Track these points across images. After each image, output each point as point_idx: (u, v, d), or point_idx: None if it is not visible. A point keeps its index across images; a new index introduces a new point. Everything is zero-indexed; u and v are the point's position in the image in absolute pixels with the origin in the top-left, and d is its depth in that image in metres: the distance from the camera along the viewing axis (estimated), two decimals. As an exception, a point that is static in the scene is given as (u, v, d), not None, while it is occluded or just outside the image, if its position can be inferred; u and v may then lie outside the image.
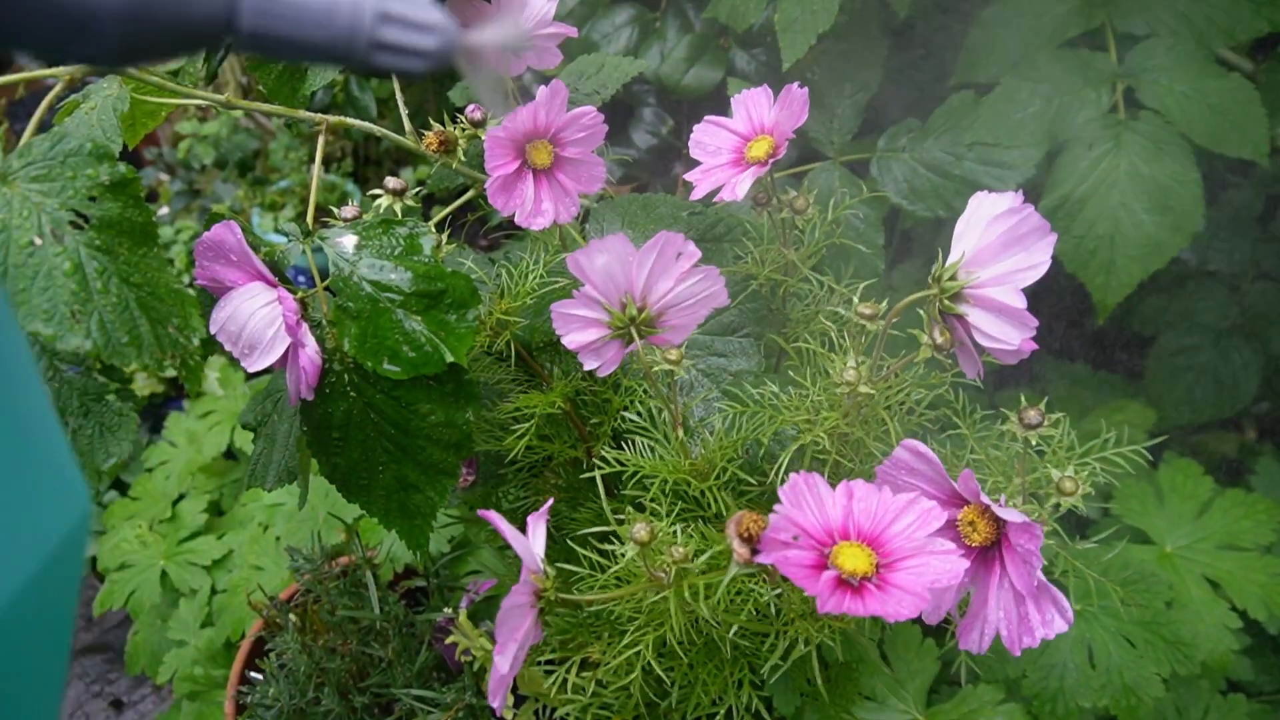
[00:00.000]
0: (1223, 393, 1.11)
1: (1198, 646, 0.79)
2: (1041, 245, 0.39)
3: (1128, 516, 0.88)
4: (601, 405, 0.61)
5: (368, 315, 0.49)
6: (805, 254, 0.61)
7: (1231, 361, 1.11)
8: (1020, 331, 0.40)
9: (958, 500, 0.42)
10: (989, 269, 0.40)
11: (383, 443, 0.53)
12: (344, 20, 0.23)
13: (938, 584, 0.37)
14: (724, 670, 0.55)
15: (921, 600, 0.37)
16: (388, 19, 0.23)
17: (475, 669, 0.78)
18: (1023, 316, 0.40)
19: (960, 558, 0.38)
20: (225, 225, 0.47)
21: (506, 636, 0.41)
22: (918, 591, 0.37)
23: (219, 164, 2.01)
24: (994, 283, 0.40)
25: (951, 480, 0.42)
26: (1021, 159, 0.79)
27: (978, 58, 0.85)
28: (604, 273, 0.44)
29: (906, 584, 0.38)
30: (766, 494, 0.53)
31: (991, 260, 0.40)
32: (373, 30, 0.23)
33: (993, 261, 0.40)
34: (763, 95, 0.55)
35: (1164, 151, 0.76)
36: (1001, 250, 0.40)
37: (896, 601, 0.37)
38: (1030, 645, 0.41)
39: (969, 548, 0.42)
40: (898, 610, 0.37)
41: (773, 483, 0.49)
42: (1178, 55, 0.78)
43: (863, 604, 0.37)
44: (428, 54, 0.24)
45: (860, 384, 0.47)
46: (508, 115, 0.52)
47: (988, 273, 0.40)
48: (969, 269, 0.41)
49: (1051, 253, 0.39)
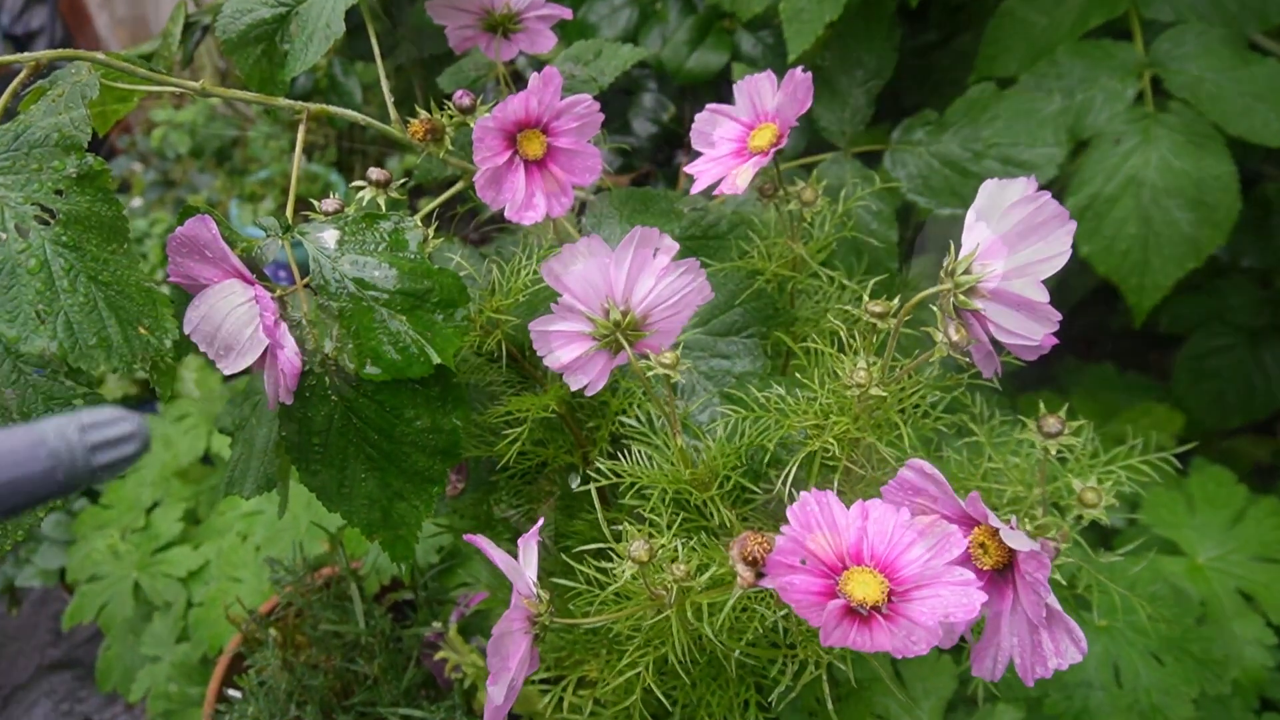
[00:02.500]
0: (1255, 395, 1.11)
1: (1230, 664, 0.79)
2: (1061, 233, 0.39)
3: (1156, 526, 0.88)
4: (598, 408, 0.61)
5: (350, 314, 0.49)
6: (814, 249, 0.61)
7: (1264, 362, 1.11)
8: (1042, 326, 0.40)
9: (968, 521, 0.42)
10: (1006, 260, 0.40)
11: (365, 449, 0.52)
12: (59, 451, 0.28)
13: (953, 618, 0.36)
14: (729, 691, 0.55)
15: (934, 636, 0.36)
16: (96, 448, 0.28)
17: (465, 686, 0.78)
18: (1045, 310, 0.39)
19: (979, 590, 0.37)
20: (200, 219, 0.47)
21: (500, 665, 0.41)
22: (930, 626, 0.36)
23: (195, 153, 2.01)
24: (1013, 275, 0.40)
25: (960, 500, 0.41)
26: (1044, 158, 0.78)
27: (997, 51, 0.85)
28: (581, 278, 0.44)
29: (919, 616, 0.37)
30: (773, 502, 0.53)
31: (1008, 251, 0.40)
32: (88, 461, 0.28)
33: (1010, 252, 0.40)
34: (766, 80, 0.55)
35: (1196, 144, 0.75)
36: (1019, 240, 0.40)
37: (906, 634, 0.36)
38: (1043, 675, 0.41)
39: (980, 571, 0.41)
40: (907, 646, 0.36)
41: (779, 491, 0.49)
42: (1208, 41, 0.77)
43: (870, 638, 0.37)
44: (137, 453, 0.29)
45: (871, 386, 0.46)
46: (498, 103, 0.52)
47: (1005, 265, 0.40)
48: (984, 261, 0.40)
49: (1072, 241, 0.39)
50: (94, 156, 0.46)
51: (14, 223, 0.44)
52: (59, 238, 0.44)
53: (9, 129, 0.46)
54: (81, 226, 0.45)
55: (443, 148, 0.57)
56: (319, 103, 0.56)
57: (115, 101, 0.62)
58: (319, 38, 0.57)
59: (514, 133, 0.53)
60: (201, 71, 1.82)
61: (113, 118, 0.63)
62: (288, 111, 0.56)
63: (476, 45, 0.67)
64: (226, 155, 2.00)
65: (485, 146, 0.52)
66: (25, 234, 0.44)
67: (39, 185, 0.45)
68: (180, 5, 0.69)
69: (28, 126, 0.46)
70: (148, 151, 2.08)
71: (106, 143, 2.11)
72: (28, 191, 0.45)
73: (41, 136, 0.46)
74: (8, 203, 0.44)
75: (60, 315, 0.43)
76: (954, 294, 0.41)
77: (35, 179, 0.45)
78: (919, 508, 0.42)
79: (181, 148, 2.01)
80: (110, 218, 0.46)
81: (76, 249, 0.45)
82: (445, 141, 0.57)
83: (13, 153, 0.46)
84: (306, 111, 0.56)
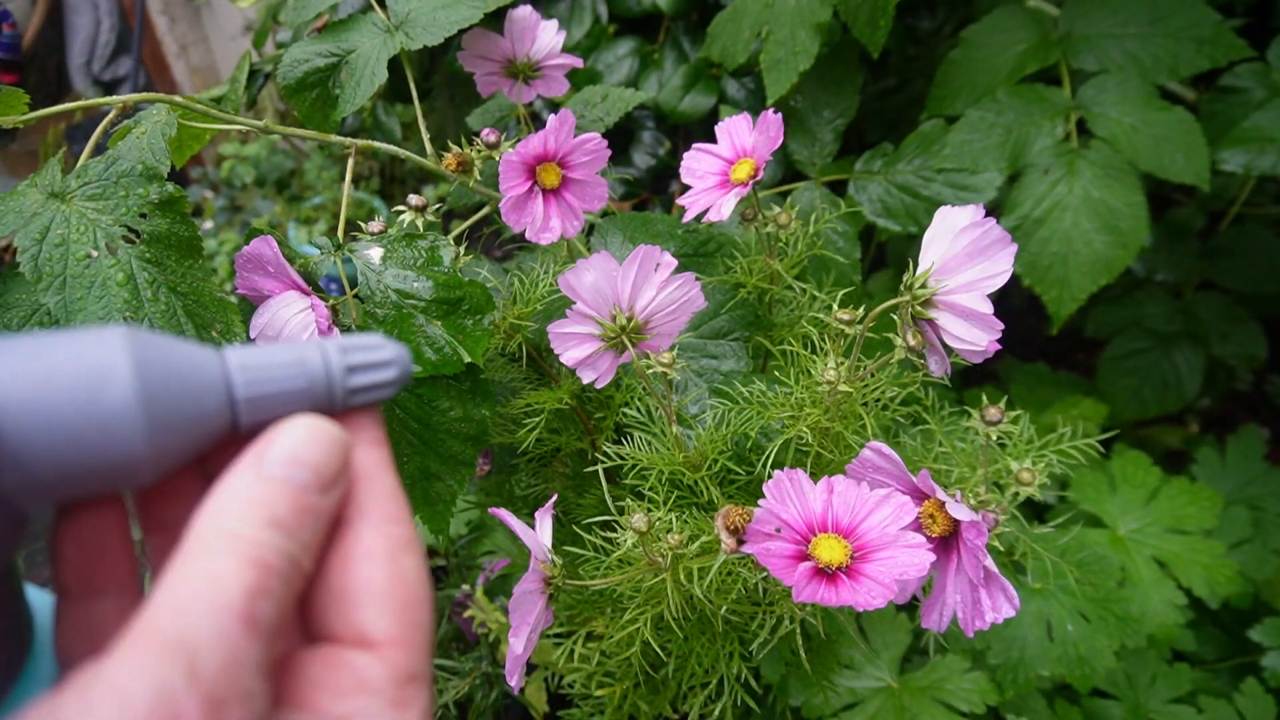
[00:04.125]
0: (1168, 391, 1.11)
1: (1146, 621, 0.79)
2: (1004, 255, 0.39)
3: (1083, 503, 0.88)
4: (605, 401, 0.61)
5: (393, 320, 0.49)
6: (789, 264, 0.61)
7: (1176, 363, 1.11)
8: (987, 334, 0.40)
9: (919, 495, 0.42)
10: (956, 277, 0.40)
11: (407, 436, 0.53)
12: (318, 372, 0.24)
13: (906, 576, 0.37)
14: (716, 643, 0.55)
15: (890, 591, 0.36)
16: (354, 369, 0.25)
17: (490, 639, 0.78)
18: (989, 320, 0.40)
19: (928, 552, 0.38)
20: (263, 239, 0.47)
21: (520, 620, 0.41)
22: (887, 583, 0.37)
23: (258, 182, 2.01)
24: (962, 290, 0.40)
25: (912, 477, 0.42)
26: (985, 182, 0.79)
27: (945, 93, 0.85)
28: (592, 288, 0.44)
29: (877, 575, 0.37)
30: (754, 482, 0.53)
31: (959, 269, 0.40)
32: (345, 382, 0.25)
33: (960, 270, 0.40)
34: (743, 121, 0.55)
35: (1113, 177, 0.76)
36: (967, 260, 0.40)
37: (867, 591, 0.37)
38: (981, 628, 0.41)
39: (929, 538, 0.42)
40: (868, 600, 0.36)
41: (760, 472, 0.49)
42: (1126, 90, 0.77)
43: (836, 594, 0.37)
44: (393, 383, 0.26)
45: (840, 383, 0.46)
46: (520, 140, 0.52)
47: (955, 280, 0.40)
48: (938, 277, 0.41)
49: (1012, 262, 0.39)
50: (173, 185, 0.47)
51: (105, 241, 0.44)
52: (143, 254, 0.45)
53: (100, 161, 0.47)
54: (162, 245, 0.45)
55: (471, 178, 0.57)
56: (365, 139, 0.56)
57: (190, 139, 0.62)
58: (365, 83, 0.57)
59: (534, 165, 0.53)
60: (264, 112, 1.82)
61: (188, 151, 0.63)
62: (338, 146, 0.56)
63: (501, 89, 0.67)
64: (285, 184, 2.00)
65: (509, 177, 0.52)
66: (114, 251, 0.44)
67: (126, 210, 0.45)
68: (245, 55, 0.69)
69: (116, 159, 0.47)
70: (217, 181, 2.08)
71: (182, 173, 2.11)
72: (116, 215, 0.45)
73: (128, 167, 0.46)
74: (99, 224, 0.44)
75: (145, 321, 0.44)
76: (912, 305, 0.41)
77: (123, 204, 0.45)
78: (878, 483, 0.42)
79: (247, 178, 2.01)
80: (187, 237, 0.46)
81: (158, 264, 0.45)
82: (474, 172, 0.57)
83: (103, 182, 0.46)
84: (354, 147, 0.56)
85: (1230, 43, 0.76)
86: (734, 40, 0.84)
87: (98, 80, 2.16)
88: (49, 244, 0.44)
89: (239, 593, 0.19)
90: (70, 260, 0.43)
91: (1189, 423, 1.26)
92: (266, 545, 0.20)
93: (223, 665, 0.18)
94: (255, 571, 0.20)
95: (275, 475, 0.22)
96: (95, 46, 2.16)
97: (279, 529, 0.21)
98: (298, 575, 0.21)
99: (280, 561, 0.20)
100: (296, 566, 0.21)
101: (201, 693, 0.18)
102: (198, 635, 0.18)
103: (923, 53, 1.06)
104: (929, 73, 0.88)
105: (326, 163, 1.95)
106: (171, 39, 2.45)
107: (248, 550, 0.20)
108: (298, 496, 0.22)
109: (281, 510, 0.21)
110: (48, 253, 0.43)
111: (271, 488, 0.21)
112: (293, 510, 0.21)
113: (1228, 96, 0.80)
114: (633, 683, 0.59)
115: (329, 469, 0.23)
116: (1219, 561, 0.82)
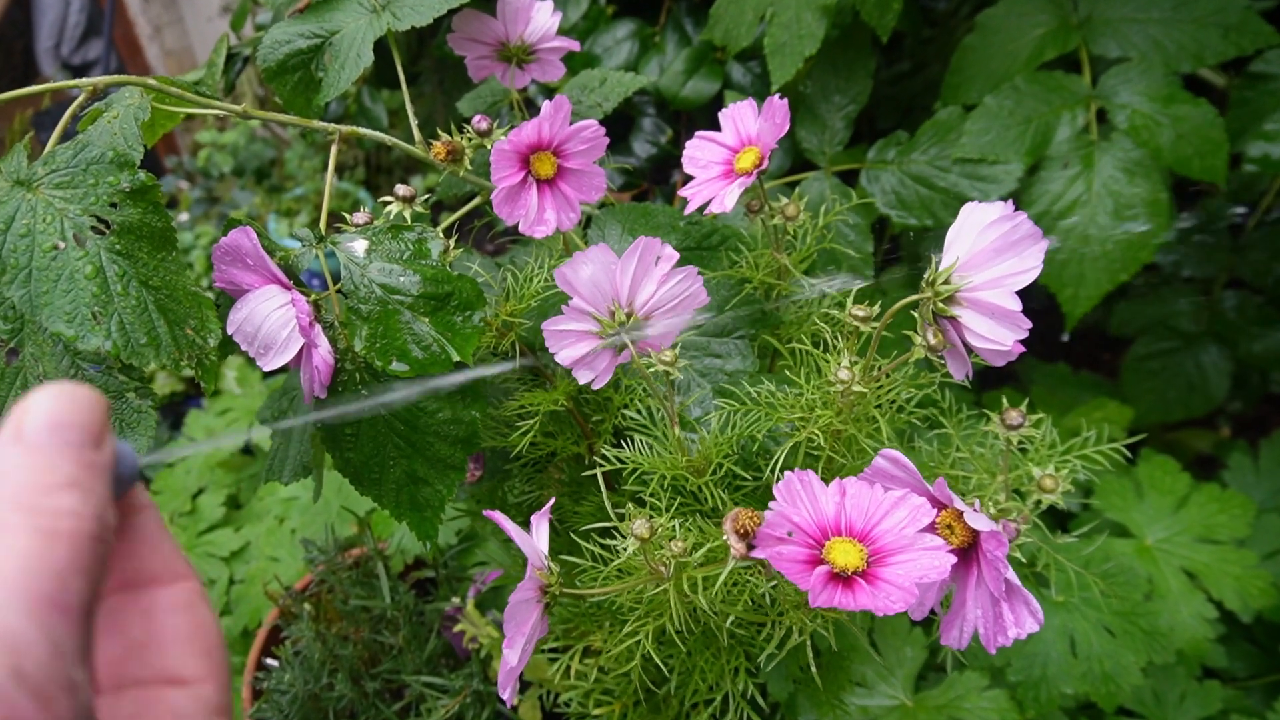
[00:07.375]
0: (1194, 394, 1.10)
1: (1175, 636, 0.79)
2: (1034, 250, 0.39)
3: (1108, 511, 0.88)
4: (603, 403, 0.60)
5: (378, 317, 0.49)
6: (797, 259, 0.60)
7: (1203, 364, 1.11)
8: (1014, 333, 0.40)
9: (936, 504, 0.42)
10: (983, 273, 0.40)
11: (393, 439, 0.52)
12: None
13: (925, 579, 0.37)
14: (721, 658, 0.55)
15: (910, 595, 0.36)
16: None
17: (482, 655, 0.78)
18: (1016, 318, 0.39)
19: (948, 553, 0.38)
20: (242, 231, 0.47)
21: (515, 630, 0.41)
22: (906, 586, 0.37)
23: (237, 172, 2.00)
24: (988, 286, 0.40)
25: (928, 485, 0.41)
26: (1005, 173, 0.78)
27: (961, 80, 0.85)
28: (590, 282, 0.44)
29: (896, 579, 0.37)
30: (761, 489, 0.53)
31: (985, 265, 0.40)
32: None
33: (986, 266, 0.40)
34: (748, 108, 0.55)
35: (1133, 172, 0.75)
36: (995, 255, 0.40)
37: (886, 596, 0.37)
38: (1004, 644, 0.41)
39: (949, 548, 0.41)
40: (887, 604, 0.36)
41: (768, 478, 0.49)
42: (1148, 80, 0.77)
43: (853, 598, 0.37)
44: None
45: (854, 383, 0.46)
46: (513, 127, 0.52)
47: (981, 276, 0.40)
48: (963, 273, 0.40)
49: (1043, 258, 0.39)
50: (145, 172, 0.46)
51: (72, 232, 0.44)
52: (113, 246, 0.44)
53: (68, 147, 0.46)
54: (134, 236, 0.45)
55: (462, 167, 0.57)
56: (349, 126, 0.56)
57: (163, 118, 0.61)
58: (350, 66, 0.57)
59: (527, 155, 0.53)
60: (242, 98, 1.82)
61: (160, 130, 0.62)
62: (321, 134, 0.56)
63: (493, 74, 0.67)
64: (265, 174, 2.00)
65: (501, 167, 0.52)
66: (83, 242, 0.44)
67: (95, 199, 0.45)
68: (223, 37, 0.69)
69: (85, 145, 0.46)
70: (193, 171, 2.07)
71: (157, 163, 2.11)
72: (85, 204, 0.45)
73: (98, 154, 0.46)
74: (67, 214, 0.44)
75: (114, 316, 0.43)
76: (933, 302, 0.41)
77: (92, 193, 0.45)
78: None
79: (224, 167, 2.01)
80: (160, 228, 0.46)
81: (129, 256, 0.45)
82: (464, 162, 0.56)
83: (72, 169, 0.45)
84: (338, 134, 0.55)
85: (1258, 28, 0.76)
86: (737, 22, 0.84)
87: (67, 64, 2.15)
88: (14, 234, 0.43)
89: (51, 577, 0.19)
90: (36, 252, 0.43)
91: (1220, 426, 1.26)
92: (67, 512, 0.20)
93: (48, 659, 0.18)
94: (63, 546, 0.20)
95: (46, 443, 0.22)
96: (64, 28, 2.16)
97: (76, 490, 0.21)
98: (109, 533, 0.21)
99: (89, 524, 0.20)
100: (105, 525, 0.21)
101: (30, 690, 0.18)
102: (17, 630, 0.18)
103: (939, 35, 1.06)
104: (945, 56, 0.88)
105: (309, 151, 1.94)
106: (145, 20, 2.45)
107: (49, 523, 0.20)
108: (78, 455, 0.22)
109: (69, 471, 0.21)
110: (12, 244, 0.43)
111: (48, 455, 0.21)
112: (81, 468, 0.22)
113: (1258, 84, 0.80)
114: (632, 700, 0.59)
115: (94, 424, 0.23)
116: (1252, 572, 0.82)
